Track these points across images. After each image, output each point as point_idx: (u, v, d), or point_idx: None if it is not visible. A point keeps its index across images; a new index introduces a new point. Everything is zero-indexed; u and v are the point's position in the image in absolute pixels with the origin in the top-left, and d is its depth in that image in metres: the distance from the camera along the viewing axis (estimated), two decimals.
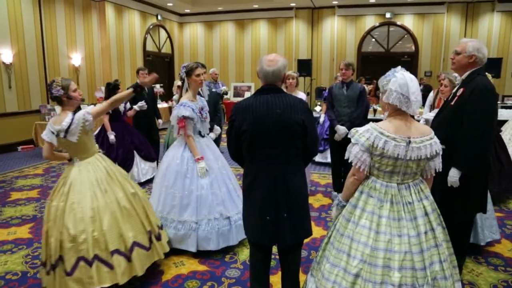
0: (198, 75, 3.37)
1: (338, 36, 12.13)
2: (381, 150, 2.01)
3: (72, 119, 2.67)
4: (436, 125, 2.83)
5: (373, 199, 2.09)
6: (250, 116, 2.19)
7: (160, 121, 6.28)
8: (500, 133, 5.54)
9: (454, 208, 2.74)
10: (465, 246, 3.00)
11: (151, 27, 11.79)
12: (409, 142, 2.00)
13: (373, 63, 11.74)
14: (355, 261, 2.03)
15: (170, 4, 11.88)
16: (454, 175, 2.68)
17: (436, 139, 2.08)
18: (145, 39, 11.53)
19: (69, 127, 2.65)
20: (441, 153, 2.11)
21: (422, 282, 1.94)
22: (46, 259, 2.73)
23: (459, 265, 2.87)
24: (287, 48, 12.54)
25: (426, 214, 2.05)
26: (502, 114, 7.38)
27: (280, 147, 2.19)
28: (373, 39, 12.22)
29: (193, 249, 3.30)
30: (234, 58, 13.19)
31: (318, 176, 6.01)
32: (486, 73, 3.14)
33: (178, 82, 3.31)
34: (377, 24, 11.86)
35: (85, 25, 9.77)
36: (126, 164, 5.29)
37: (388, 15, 11.57)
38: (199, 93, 3.59)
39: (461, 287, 2.22)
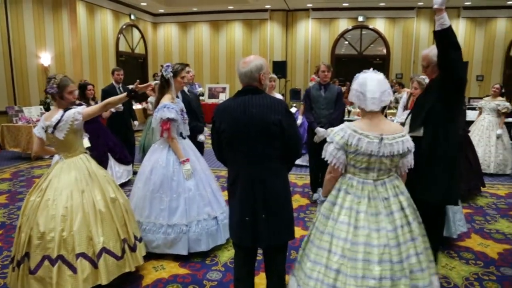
0: (183, 77, 3.38)
1: (312, 39, 12.32)
2: (355, 147, 2.11)
3: (62, 116, 2.68)
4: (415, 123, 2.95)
5: (350, 195, 2.17)
6: (227, 117, 2.22)
7: (135, 122, 6.19)
8: (468, 134, 5.78)
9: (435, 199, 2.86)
10: (439, 239, 3.15)
11: (124, 27, 11.59)
12: (382, 139, 2.09)
13: (346, 66, 11.98)
14: (335, 256, 2.09)
15: (144, 4, 11.71)
16: None
17: (407, 137, 2.18)
18: (117, 39, 11.32)
19: (57, 123, 2.67)
20: (413, 150, 2.20)
21: (399, 275, 2.03)
22: (14, 255, 2.69)
23: (434, 257, 3.00)
24: (262, 50, 12.61)
25: (402, 208, 2.15)
26: (469, 115, 7.70)
27: (258, 147, 2.21)
28: (346, 42, 12.48)
29: (184, 252, 3.27)
30: (208, 59, 13.14)
31: (295, 177, 6.09)
32: None
33: (153, 83, 3.28)
34: (350, 27, 12.13)
35: (55, 23, 9.49)
36: None
37: (360, 18, 11.86)
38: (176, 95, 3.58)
39: (437, 280, 2.31)
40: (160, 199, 3.24)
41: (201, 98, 11.43)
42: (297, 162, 6.64)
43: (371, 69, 2.26)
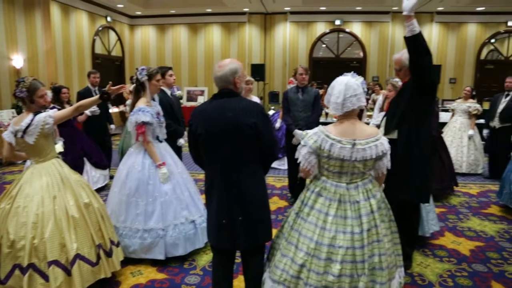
0: (158, 80, 3.35)
1: (290, 42, 12.42)
2: (328, 152, 2.16)
3: (32, 120, 2.61)
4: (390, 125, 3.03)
5: (322, 198, 2.25)
6: (203, 120, 2.24)
7: (112, 126, 6.09)
8: (442, 135, 5.94)
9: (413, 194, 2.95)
10: (414, 236, 3.24)
11: (100, 29, 11.40)
12: (354, 144, 2.14)
13: (324, 68, 12.13)
14: (301, 253, 2.20)
15: (121, 6, 11.55)
16: None
17: (382, 140, 2.23)
18: (93, 41, 11.12)
19: (27, 127, 2.60)
20: (388, 152, 2.26)
21: (361, 272, 2.13)
22: None
23: (409, 254, 3.09)
24: (240, 53, 12.63)
25: (372, 212, 2.22)
26: (442, 117, 7.92)
27: (233, 150, 2.22)
28: (324, 45, 12.64)
29: (161, 256, 3.23)
30: (187, 62, 13.07)
31: (274, 180, 6.12)
32: None
33: (130, 87, 3.24)
34: (328, 30, 12.30)
35: (28, 24, 9.24)
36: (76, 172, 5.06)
37: (337, 22, 12.04)
38: (152, 98, 3.56)
39: (402, 272, 2.43)
40: (136, 204, 3.20)
41: (180, 101, 11.40)
42: (276, 165, 6.69)
43: (351, 72, 2.31)
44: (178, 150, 4.04)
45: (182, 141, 4.12)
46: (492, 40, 12.02)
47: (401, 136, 2.89)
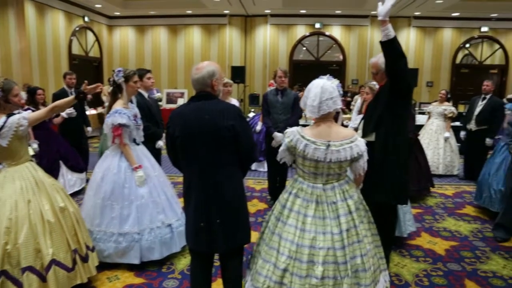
0: (136, 82, 3.32)
1: (271, 44, 12.48)
2: (302, 152, 2.19)
3: (5, 122, 2.53)
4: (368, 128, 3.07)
5: (300, 199, 2.27)
6: (181, 123, 2.24)
7: (89, 129, 5.99)
8: (418, 137, 6.07)
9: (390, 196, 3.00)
10: (391, 237, 3.30)
11: (77, 29, 11.18)
12: (329, 145, 2.18)
13: (304, 71, 12.22)
14: (283, 257, 2.20)
15: (98, 6, 11.37)
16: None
17: (358, 142, 2.27)
18: (70, 41, 10.90)
19: (0, 129, 2.52)
20: (365, 154, 2.30)
21: (344, 274, 2.15)
22: None
23: (386, 255, 3.14)
24: (220, 55, 12.62)
25: (350, 212, 2.25)
26: (419, 119, 8.10)
27: (211, 153, 2.23)
28: (304, 48, 12.75)
29: (136, 261, 3.19)
30: (166, 64, 12.96)
31: (254, 182, 6.13)
32: None
33: (109, 88, 3.20)
34: (308, 33, 12.41)
35: (0, 23, 9.00)
36: (51, 176, 4.94)
37: (317, 25, 12.17)
38: (130, 100, 3.53)
39: (387, 276, 2.44)
40: (111, 207, 3.15)
41: (159, 103, 11.28)
42: (258, 169, 6.70)
43: (327, 75, 2.35)
44: (157, 153, 4.00)
45: (161, 143, 4.08)
46: (467, 45, 12.38)
47: (378, 139, 2.95)
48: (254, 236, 3.84)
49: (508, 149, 3.96)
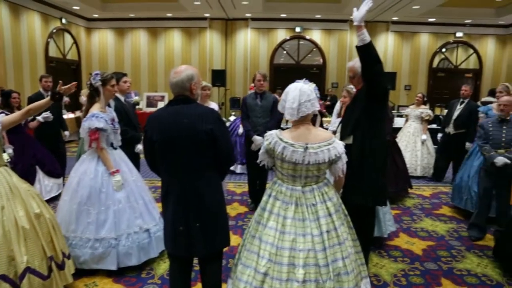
0: (113, 86, 3.28)
1: (252, 48, 12.53)
2: (281, 155, 2.21)
3: None
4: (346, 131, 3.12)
5: (279, 201, 2.29)
6: (159, 127, 2.24)
7: (66, 133, 5.87)
8: (396, 139, 6.19)
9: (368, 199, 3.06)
10: (370, 239, 3.34)
11: (54, 31, 10.97)
12: (306, 148, 2.20)
13: (284, 74, 12.31)
14: (263, 260, 2.19)
15: (76, 8, 11.19)
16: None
17: (335, 144, 2.30)
18: (47, 43, 10.69)
19: None
20: (343, 156, 2.33)
21: (325, 277, 2.14)
22: None
23: (365, 257, 3.18)
24: (201, 58, 12.59)
25: (329, 214, 2.27)
26: (397, 122, 8.26)
27: (189, 156, 2.24)
28: (284, 52, 12.84)
29: (113, 267, 3.14)
30: (146, 67, 12.85)
31: (234, 185, 6.13)
32: None
33: (86, 92, 3.17)
34: (288, 37, 12.51)
35: None
36: (27, 181, 4.83)
37: (297, 29, 12.29)
38: (107, 104, 3.50)
39: (369, 283, 2.47)
40: (87, 212, 3.10)
41: (139, 106, 11.16)
42: (237, 170, 6.70)
43: (304, 79, 2.38)
44: (135, 157, 3.97)
45: (140, 147, 4.05)
46: (443, 50, 12.73)
47: (355, 142, 2.99)
48: (234, 240, 3.86)
49: (480, 151, 4.07)
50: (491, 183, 3.96)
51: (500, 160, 3.76)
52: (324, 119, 7.36)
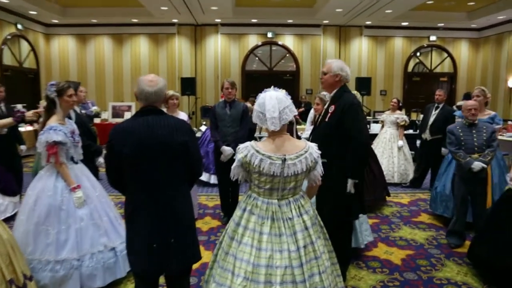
0: (71, 96, 3.20)
1: (222, 54, 12.57)
2: (258, 167, 2.20)
3: None
4: (317, 140, 3.15)
5: (254, 216, 2.27)
6: (131, 139, 2.19)
7: (22, 147, 5.67)
8: (372, 146, 6.31)
9: (341, 212, 3.13)
10: (349, 252, 3.37)
11: (9, 37, 10.66)
12: (285, 159, 2.21)
13: (257, 82, 12.40)
14: (238, 279, 2.16)
15: (34, 13, 10.92)
16: (351, 184, 3.07)
17: (311, 150, 2.32)
18: (1, 50, 10.37)
19: None
20: (319, 159, 2.35)
21: None
22: None
23: (343, 271, 3.20)
24: (169, 66, 12.53)
25: (306, 228, 2.28)
26: (374, 128, 8.44)
27: (165, 170, 2.24)
28: (257, 58, 12.94)
29: None
30: (111, 75, 12.67)
31: (206, 198, 6.08)
32: (355, 91, 3.65)
33: (41, 106, 3.12)
34: (260, 43, 12.64)
35: None
36: None
37: (269, 34, 12.43)
38: (68, 116, 3.42)
39: None
40: (46, 232, 2.99)
41: (104, 117, 10.95)
42: (211, 181, 6.66)
43: (272, 87, 2.39)
44: (95, 171, 3.88)
45: (101, 160, 3.96)
46: (418, 54, 13.16)
47: (326, 157, 3.04)
48: (207, 256, 3.81)
49: (454, 158, 4.17)
50: (467, 189, 4.07)
51: (477, 165, 3.88)
52: (298, 126, 7.42)
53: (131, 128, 2.23)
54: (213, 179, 6.70)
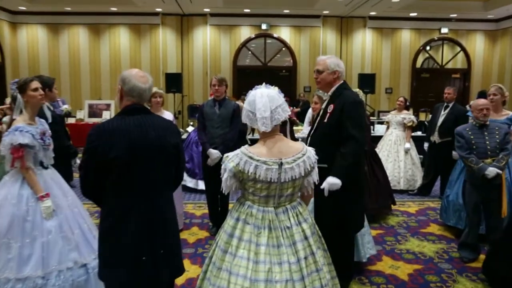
0: (36, 89, 3.15)
1: (212, 48, 12.56)
2: (253, 175, 2.19)
3: None
4: (315, 143, 3.16)
5: (250, 226, 2.25)
6: (121, 141, 2.18)
7: None
8: (377, 149, 6.33)
9: (340, 227, 3.10)
10: (350, 267, 3.37)
11: None
12: (281, 163, 2.21)
13: (250, 78, 12.38)
14: None
15: None
16: (330, 181, 3.00)
17: (309, 153, 2.34)
18: None
19: None
20: (316, 166, 2.36)
21: None
22: None
23: (345, 287, 3.21)
24: (153, 60, 12.50)
25: (306, 238, 2.28)
26: (378, 130, 8.47)
27: (158, 174, 2.27)
28: (250, 52, 12.96)
29: None
30: (88, 70, 12.61)
31: (193, 207, 6.07)
32: (357, 89, 3.67)
33: (7, 102, 3.07)
34: (253, 35, 12.66)
35: None
36: None
37: (264, 26, 12.46)
38: (39, 114, 3.39)
39: None
40: (8, 246, 2.93)
41: (80, 116, 10.88)
42: (199, 187, 6.64)
43: (264, 84, 2.40)
44: (70, 176, 3.85)
45: (78, 161, 3.92)
46: (427, 48, 13.22)
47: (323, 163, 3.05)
48: (194, 270, 3.80)
49: (465, 164, 4.17)
50: (480, 197, 4.08)
51: (492, 171, 3.87)
52: (295, 127, 7.43)
53: (120, 128, 2.21)
54: (201, 185, 6.69)
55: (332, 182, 2.97)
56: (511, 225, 3.64)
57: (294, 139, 4.84)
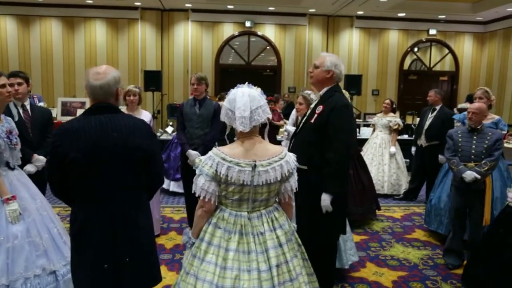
0: (3, 86, 3.10)
1: (193, 45, 12.52)
2: (225, 177, 2.18)
3: None
4: (298, 144, 3.18)
5: (220, 230, 2.25)
6: (80, 142, 2.17)
7: None
8: (362, 153, 6.39)
9: (320, 232, 3.11)
10: (332, 274, 3.38)
11: None
12: (255, 166, 2.21)
13: (233, 77, 12.38)
14: None
15: None
16: (326, 199, 3.02)
17: (288, 158, 2.33)
18: None
19: None
20: (295, 172, 2.36)
21: None
22: None
23: None
24: (131, 57, 12.39)
25: (280, 245, 2.27)
26: (364, 132, 8.55)
27: (120, 178, 2.23)
28: (233, 50, 12.95)
29: None
30: (61, 65, 12.42)
31: (171, 210, 6.04)
32: (344, 90, 3.69)
33: None
34: (237, 33, 12.64)
35: None
36: None
37: (248, 23, 12.45)
38: (5, 112, 3.33)
39: None
40: None
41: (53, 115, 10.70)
42: (171, 188, 6.63)
43: (246, 83, 2.40)
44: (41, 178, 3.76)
45: (30, 168, 3.73)
46: (415, 49, 13.40)
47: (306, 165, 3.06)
48: (170, 277, 3.78)
49: (448, 165, 4.25)
50: (463, 201, 4.16)
51: (469, 174, 3.98)
52: (281, 129, 7.46)
53: (80, 128, 2.20)
54: (173, 186, 6.68)
55: (325, 198, 3.04)
56: (491, 231, 3.71)
57: (275, 142, 4.85)
